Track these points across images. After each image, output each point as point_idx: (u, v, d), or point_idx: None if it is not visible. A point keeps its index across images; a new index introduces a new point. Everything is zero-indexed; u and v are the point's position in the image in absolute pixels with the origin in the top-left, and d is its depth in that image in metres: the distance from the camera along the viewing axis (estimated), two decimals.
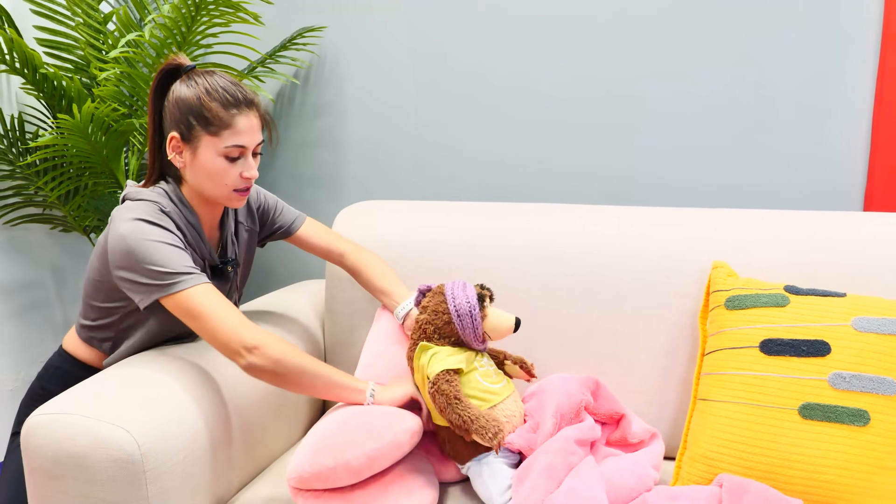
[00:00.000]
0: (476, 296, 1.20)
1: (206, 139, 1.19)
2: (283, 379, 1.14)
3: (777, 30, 1.71)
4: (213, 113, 1.17)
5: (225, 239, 1.37)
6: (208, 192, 1.24)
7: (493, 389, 1.20)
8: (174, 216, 1.23)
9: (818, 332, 1.17)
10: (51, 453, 1.02)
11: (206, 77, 1.20)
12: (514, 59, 1.91)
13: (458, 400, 1.12)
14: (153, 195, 1.23)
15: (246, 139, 1.20)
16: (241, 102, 1.20)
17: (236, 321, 1.13)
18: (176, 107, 1.20)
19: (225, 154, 1.19)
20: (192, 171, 1.23)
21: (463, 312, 1.19)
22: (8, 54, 1.69)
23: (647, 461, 1.20)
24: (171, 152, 1.22)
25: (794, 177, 1.76)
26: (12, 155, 1.88)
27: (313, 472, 1.07)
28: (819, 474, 1.10)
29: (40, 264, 2.17)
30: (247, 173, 1.22)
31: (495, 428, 1.10)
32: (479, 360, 1.23)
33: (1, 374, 2.07)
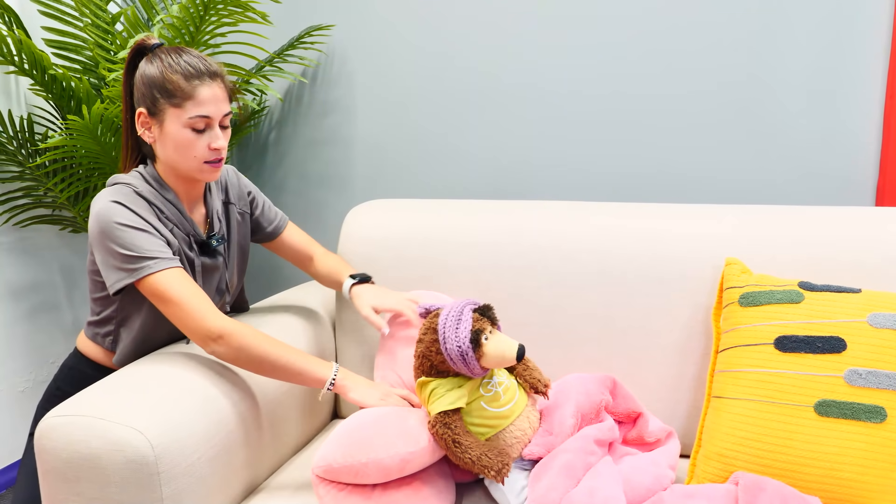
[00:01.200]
0: (469, 337, 1.10)
1: (170, 111, 1.20)
2: (246, 366, 1.18)
3: (788, 25, 1.70)
4: (174, 85, 1.18)
5: (211, 216, 1.37)
6: (179, 167, 1.25)
7: (500, 414, 1.15)
8: (150, 196, 1.24)
9: (833, 328, 1.16)
10: (65, 455, 1.02)
11: (171, 53, 1.22)
12: (522, 57, 1.90)
13: (457, 444, 1.09)
14: (128, 178, 1.25)
15: (210, 109, 1.20)
16: (204, 73, 1.20)
17: (202, 308, 1.16)
18: (142, 83, 1.21)
19: (190, 125, 1.20)
20: (161, 145, 1.24)
21: (455, 357, 1.12)
22: (17, 55, 1.69)
23: (663, 461, 1.19)
24: (140, 128, 1.24)
25: (805, 172, 1.75)
26: (21, 156, 1.89)
27: (345, 464, 1.08)
28: (836, 472, 1.10)
29: (50, 266, 2.17)
30: (214, 143, 1.22)
31: (499, 464, 1.08)
32: (485, 385, 1.17)
33: (12, 375, 2.08)
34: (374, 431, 1.11)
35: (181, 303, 1.16)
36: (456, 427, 1.10)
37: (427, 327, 1.18)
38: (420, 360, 1.17)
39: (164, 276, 1.17)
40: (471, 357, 1.10)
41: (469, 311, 1.14)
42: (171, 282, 1.16)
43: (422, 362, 1.17)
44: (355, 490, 1.10)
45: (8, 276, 2.04)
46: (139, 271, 1.16)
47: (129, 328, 1.30)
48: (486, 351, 1.11)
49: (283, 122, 2.15)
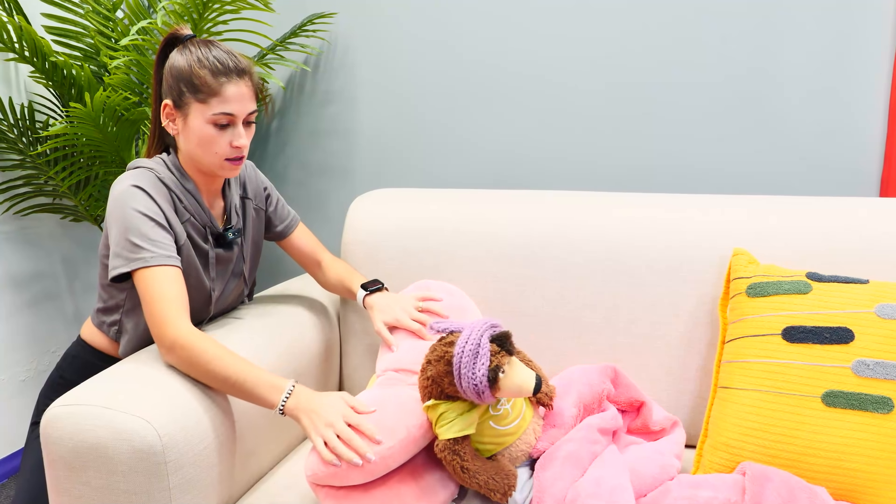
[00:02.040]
0: (487, 375, 1.06)
1: (195, 106, 1.20)
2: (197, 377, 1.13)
3: (793, 17, 1.69)
4: (201, 80, 1.18)
5: (229, 209, 1.37)
6: (201, 161, 1.24)
7: (508, 431, 1.15)
8: (170, 184, 1.24)
9: (841, 319, 1.16)
10: (71, 444, 1.01)
11: (201, 46, 1.21)
12: (526, 48, 1.89)
13: (465, 471, 1.09)
14: (151, 163, 1.25)
15: (234, 107, 1.20)
16: (232, 70, 1.20)
17: (169, 315, 1.13)
18: (170, 75, 1.21)
19: (213, 121, 1.20)
20: (184, 138, 1.24)
21: (470, 392, 1.08)
22: (17, 42, 1.68)
23: (669, 450, 1.20)
24: (165, 119, 1.24)
25: (810, 163, 1.75)
26: (22, 144, 1.87)
27: (327, 471, 1.05)
28: (842, 462, 1.10)
29: (51, 255, 2.16)
30: (236, 142, 1.22)
31: (504, 486, 1.09)
32: (494, 405, 1.15)
33: (14, 364, 2.07)
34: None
35: (154, 302, 1.14)
36: (465, 454, 1.09)
37: (440, 356, 1.11)
38: (429, 383, 1.12)
39: (154, 272, 1.15)
40: (487, 394, 1.07)
41: (487, 345, 1.08)
42: (157, 280, 1.15)
43: (431, 387, 1.12)
44: (353, 490, 1.09)
45: (9, 265, 2.03)
46: (136, 261, 1.16)
47: (134, 319, 1.30)
48: (503, 385, 1.08)
49: (284, 111, 2.14)
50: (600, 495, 1.03)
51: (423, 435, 1.13)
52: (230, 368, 1.11)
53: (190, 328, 1.13)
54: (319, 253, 1.53)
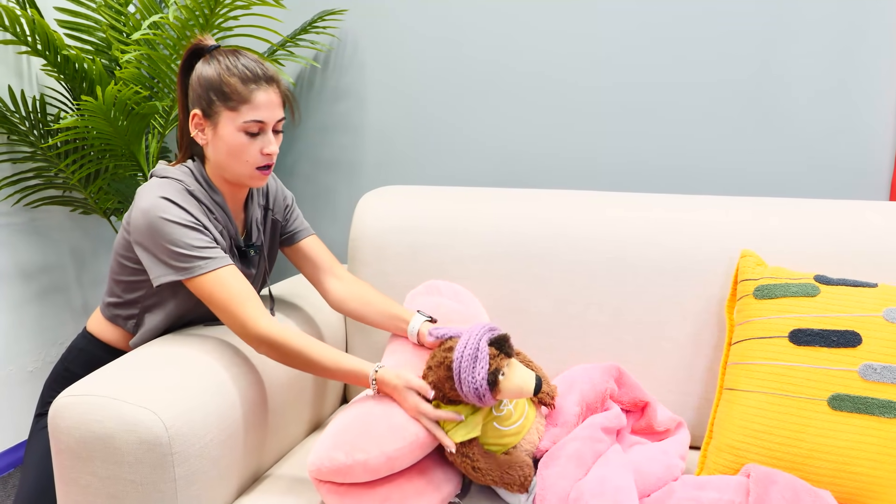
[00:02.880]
0: (486, 379, 1.09)
1: (225, 114, 1.19)
2: (291, 365, 1.18)
3: (800, 16, 1.69)
4: (231, 88, 1.18)
5: (249, 223, 1.37)
6: (231, 170, 1.24)
7: (511, 432, 1.17)
8: (199, 195, 1.23)
9: (849, 322, 1.16)
10: (78, 435, 1.02)
11: (229, 55, 1.21)
12: (533, 46, 1.89)
13: (477, 470, 1.12)
14: (178, 173, 1.24)
15: (265, 114, 1.20)
16: (261, 78, 1.20)
17: (251, 311, 1.16)
18: (198, 84, 1.21)
19: (244, 129, 1.19)
20: (213, 148, 1.23)
21: (471, 396, 1.10)
22: (30, 36, 1.68)
23: (673, 450, 1.20)
24: (194, 129, 1.23)
25: (818, 165, 1.74)
26: (34, 137, 1.89)
27: (332, 467, 1.06)
28: (848, 466, 1.09)
29: (60, 247, 2.17)
30: (267, 149, 1.22)
31: (520, 478, 1.11)
32: (497, 406, 1.18)
33: (22, 355, 2.09)
34: (358, 432, 1.09)
35: (230, 304, 1.16)
36: (474, 455, 1.12)
37: (440, 361, 1.13)
38: (432, 387, 1.14)
39: (216, 276, 1.16)
40: (488, 397, 1.09)
41: (486, 349, 1.10)
42: (223, 282, 1.16)
43: (435, 395, 1.14)
44: (353, 487, 1.09)
45: (18, 256, 2.04)
46: (190, 270, 1.16)
47: (156, 315, 1.29)
48: (503, 388, 1.10)
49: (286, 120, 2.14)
50: (604, 494, 1.03)
51: (432, 441, 1.13)
52: (321, 357, 1.16)
53: (273, 322, 1.17)
54: (335, 265, 1.44)
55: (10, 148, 1.95)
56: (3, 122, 1.81)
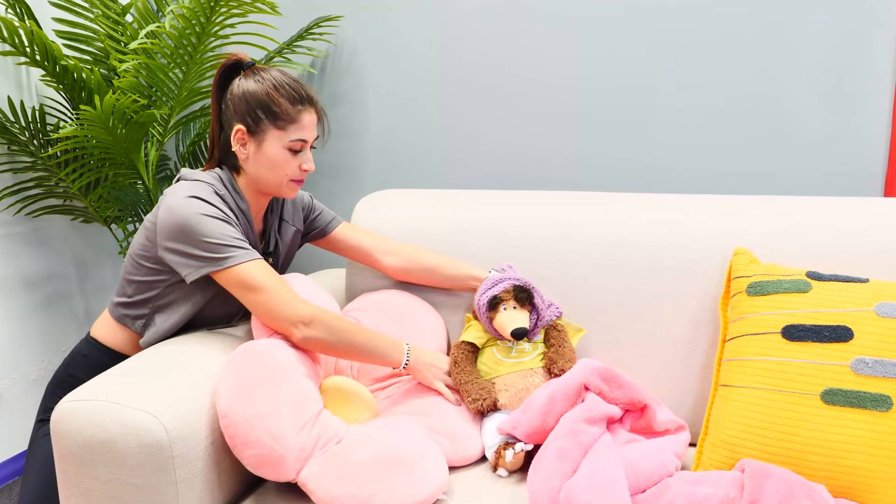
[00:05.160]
0: (489, 300, 1.37)
1: (273, 132, 1.26)
2: (335, 348, 1.23)
3: (797, 19, 1.70)
4: (281, 108, 1.25)
5: (268, 233, 1.42)
6: (267, 182, 1.30)
7: (501, 362, 1.36)
8: (226, 199, 1.29)
9: (841, 317, 1.17)
10: (80, 439, 1.03)
11: (271, 73, 1.28)
12: (531, 50, 1.90)
13: (456, 364, 1.36)
14: (207, 177, 1.29)
15: (308, 134, 1.29)
16: (306, 100, 1.28)
17: (292, 296, 1.21)
18: (242, 100, 1.26)
19: (289, 147, 1.27)
20: (254, 161, 1.29)
21: (478, 307, 1.40)
22: (28, 46, 1.70)
23: (669, 447, 1.20)
24: (236, 144, 1.29)
25: (814, 164, 1.75)
26: (34, 147, 1.90)
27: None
28: (841, 459, 1.10)
29: (62, 255, 2.19)
30: (306, 166, 1.31)
31: (476, 395, 1.30)
32: (505, 341, 1.39)
33: (25, 363, 2.10)
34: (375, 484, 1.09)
35: (271, 291, 1.20)
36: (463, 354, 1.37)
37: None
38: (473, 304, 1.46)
39: (252, 266, 1.20)
40: (483, 313, 1.37)
41: (508, 284, 1.37)
42: (259, 271, 1.20)
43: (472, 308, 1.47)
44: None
45: (20, 266, 2.06)
46: (225, 261, 1.19)
47: (167, 315, 1.31)
48: (497, 317, 1.36)
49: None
50: (594, 489, 1.04)
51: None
52: (361, 337, 1.26)
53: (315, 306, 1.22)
54: (379, 241, 1.54)
55: (10, 158, 1.97)
56: (3, 132, 1.83)
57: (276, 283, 1.20)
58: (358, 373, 1.43)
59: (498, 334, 1.38)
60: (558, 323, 1.42)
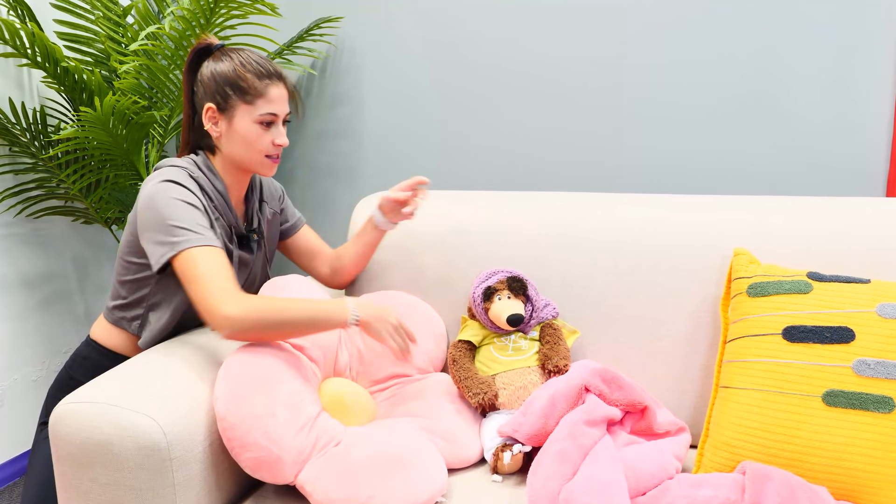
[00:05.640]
0: (483, 291, 1.40)
1: (241, 108, 1.27)
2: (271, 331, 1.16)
3: (798, 16, 1.69)
4: (248, 83, 1.26)
5: (251, 212, 1.42)
6: (242, 159, 1.30)
7: (498, 360, 1.37)
8: (201, 182, 1.29)
9: (842, 318, 1.16)
10: (78, 441, 1.03)
11: (239, 52, 1.29)
12: (532, 49, 1.90)
13: (454, 362, 1.37)
14: (182, 162, 1.30)
15: (278, 108, 1.29)
16: (273, 74, 1.29)
17: (225, 287, 1.14)
18: (212, 80, 1.27)
19: (259, 121, 1.27)
20: (227, 139, 1.30)
21: (473, 305, 1.43)
22: (30, 48, 1.70)
23: (669, 449, 1.20)
24: (208, 122, 1.30)
25: (815, 164, 1.74)
26: (34, 148, 1.90)
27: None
28: (843, 461, 1.09)
29: (63, 256, 2.19)
30: (278, 140, 1.30)
31: (477, 389, 1.30)
32: (501, 339, 1.40)
33: (25, 364, 2.10)
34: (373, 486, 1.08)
35: (203, 282, 1.13)
36: (460, 352, 1.38)
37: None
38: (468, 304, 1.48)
39: (198, 252, 1.16)
40: (479, 304, 1.41)
41: (502, 275, 1.42)
42: (202, 260, 1.16)
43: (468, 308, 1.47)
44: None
45: (21, 266, 2.06)
46: (178, 244, 1.17)
47: (160, 312, 1.32)
48: (492, 307, 1.39)
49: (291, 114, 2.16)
50: (594, 492, 1.03)
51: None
52: (296, 311, 1.17)
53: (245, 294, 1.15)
54: (325, 247, 1.58)
55: (11, 159, 1.97)
56: (4, 133, 1.83)
57: (211, 274, 1.14)
58: (357, 375, 1.43)
59: (494, 326, 1.40)
60: (554, 322, 1.42)
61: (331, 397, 1.28)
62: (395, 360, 1.43)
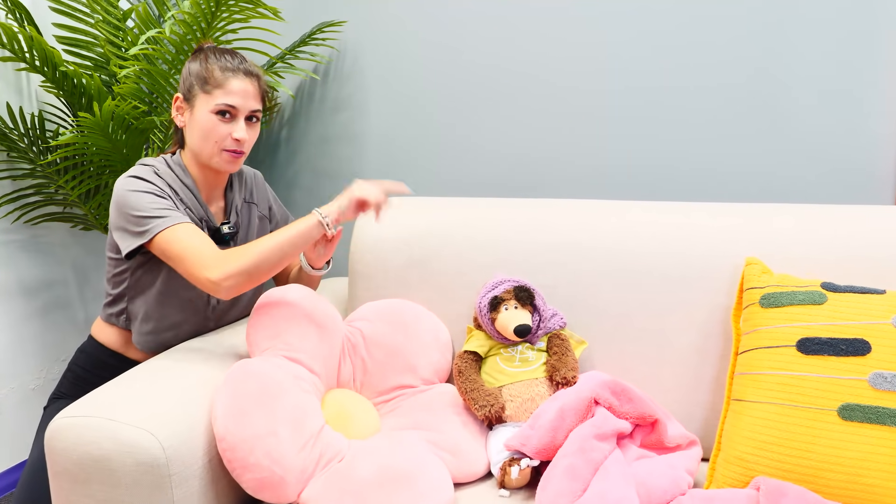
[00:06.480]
0: (490, 300, 1.37)
1: (201, 97, 1.29)
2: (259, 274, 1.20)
3: (803, 18, 1.67)
4: (210, 73, 1.29)
5: (229, 209, 1.43)
6: (200, 151, 1.32)
7: (505, 371, 1.34)
8: (167, 178, 1.32)
9: (858, 330, 1.14)
10: (75, 457, 1.00)
11: (218, 51, 1.32)
12: (536, 52, 1.88)
13: (460, 374, 1.34)
14: (151, 160, 1.34)
15: (237, 100, 1.29)
16: (239, 69, 1.30)
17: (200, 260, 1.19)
18: (186, 74, 1.32)
19: (216, 110, 1.28)
20: (189, 130, 1.33)
21: (479, 315, 1.40)
22: (28, 52, 1.68)
23: (681, 464, 1.17)
24: (175, 112, 1.34)
25: (822, 168, 1.72)
26: (33, 153, 1.88)
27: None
28: (860, 478, 1.07)
29: (62, 263, 2.17)
30: (235, 134, 1.29)
31: (484, 402, 1.27)
32: (508, 350, 1.37)
33: (24, 373, 2.07)
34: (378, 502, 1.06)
35: (184, 257, 1.19)
36: (467, 363, 1.36)
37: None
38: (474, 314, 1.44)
39: (171, 231, 1.21)
40: (485, 314, 1.38)
41: (508, 285, 1.39)
42: (177, 237, 1.21)
43: (474, 318, 1.45)
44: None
45: (20, 273, 2.03)
46: (148, 232, 1.22)
47: (139, 304, 1.36)
48: (498, 318, 1.36)
49: (294, 119, 2.14)
50: None
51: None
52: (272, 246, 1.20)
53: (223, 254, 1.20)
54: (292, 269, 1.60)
55: (9, 165, 1.95)
56: (2, 139, 1.81)
57: (187, 248, 1.19)
58: (360, 386, 1.40)
59: (501, 336, 1.38)
60: (562, 332, 1.39)
61: (333, 409, 1.25)
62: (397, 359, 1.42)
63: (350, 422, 1.24)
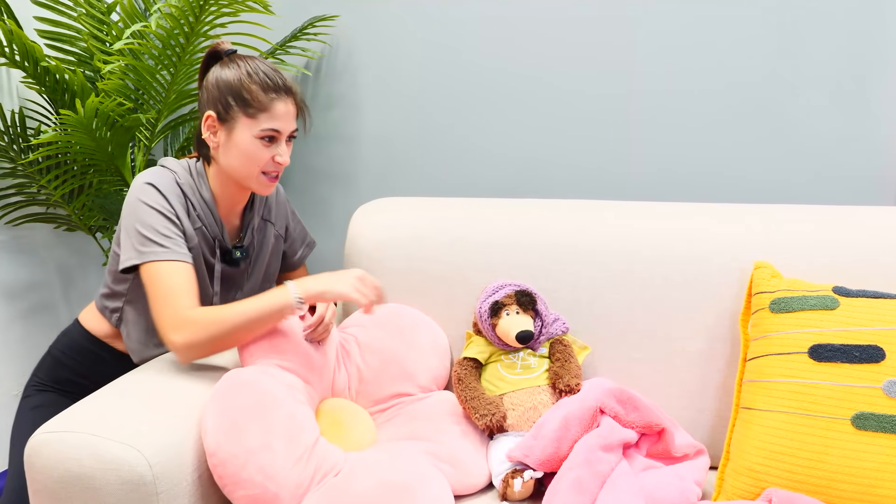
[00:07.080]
0: (490, 305, 1.33)
1: (242, 120, 1.20)
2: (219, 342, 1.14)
3: (809, 22, 1.64)
4: (252, 95, 1.19)
5: (245, 229, 1.37)
6: (238, 174, 1.24)
7: (506, 379, 1.30)
8: (187, 189, 1.24)
9: (871, 336, 1.10)
10: (56, 475, 0.95)
11: (248, 61, 1.23)
12: (535, 51, 1.84)
13: (460, 381, 1.30)
14: (175, 165, 1.27)
15: (282, 124, 1.22)
16: (281, 88, 1.22)
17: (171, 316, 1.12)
18: (216, 87, 1.22)
19: (261, 136, 1.21)
20: (224, 150, 1.24)
21: (480, 315, 1.36)
22: (7, 47, 1.62)
23: (689, 475, 1.14)
24: (206, 131, 1.24)
25: (828, 171, 1.69)
26: (13, 152, 1.82)
27: None
28: (874, 488, 1.04)
29: (46, 264, 2.11)
30: (279, 158, 1.23)
31: (485, 411, 1.23)
32: (509, 357, 1.33)
33: (7, 379, 2.02)
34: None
35: (159, 302, 1.14)
36: (466, 371, 1.31)
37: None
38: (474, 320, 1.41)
39: (163, 266, 1.15)
40: (486, 320, 1.33)
41: (510, 289, 1.35)
42: (162, 275, 1.15)
43: (473, 324, 1.41)
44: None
45: (2, 276, 1.98)
46: (147, 255, 1.16)
47: (135, 309, 1.30)
48: (499, 323, 1.32)
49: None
50: None
51: None
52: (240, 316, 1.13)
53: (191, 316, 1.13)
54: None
55: None
56: None
57: (167, 294, 1.13)
58: (356, 395, 1.36)
59: (501, 343, 1.33)
60: (564, 338, 1.35)
61: (329, 419, 1.21)
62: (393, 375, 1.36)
63: (346, 433, 1.20)
